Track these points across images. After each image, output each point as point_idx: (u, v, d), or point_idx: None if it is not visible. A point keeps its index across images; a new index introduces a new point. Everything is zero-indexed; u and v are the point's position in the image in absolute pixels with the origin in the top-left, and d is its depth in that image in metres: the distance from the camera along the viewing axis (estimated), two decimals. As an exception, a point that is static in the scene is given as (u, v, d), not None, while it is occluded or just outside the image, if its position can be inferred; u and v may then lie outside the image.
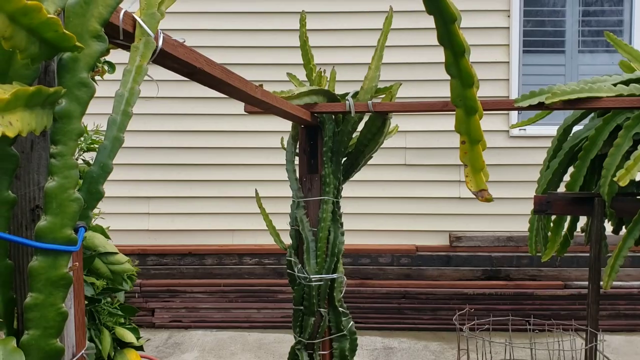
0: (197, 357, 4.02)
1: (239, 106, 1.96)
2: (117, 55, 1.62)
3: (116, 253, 2.20)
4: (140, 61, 0.97)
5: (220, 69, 1.31)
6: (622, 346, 4.18)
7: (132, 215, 4.77)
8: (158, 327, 4.63)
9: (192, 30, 4.68)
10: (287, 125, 2.39)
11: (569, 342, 2.68)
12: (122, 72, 0.97)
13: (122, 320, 2.46)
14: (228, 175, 4.72)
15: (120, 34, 0.95)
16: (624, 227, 2.48)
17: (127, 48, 0.99)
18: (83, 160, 2.58)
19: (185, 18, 4.66)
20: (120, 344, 2.42)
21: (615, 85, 2.23)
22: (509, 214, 4.50)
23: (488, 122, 3.90)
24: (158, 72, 1.16)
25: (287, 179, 2.39)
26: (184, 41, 1.10)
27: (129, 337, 2.43)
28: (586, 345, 2.40)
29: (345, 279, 2.45)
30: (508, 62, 4.63)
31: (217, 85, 1.39)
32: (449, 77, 1.18)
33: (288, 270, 2.37)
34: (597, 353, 2.39)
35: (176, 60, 1.13)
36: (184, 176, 4.77)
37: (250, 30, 4.71)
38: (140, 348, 2.51)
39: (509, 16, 4.63)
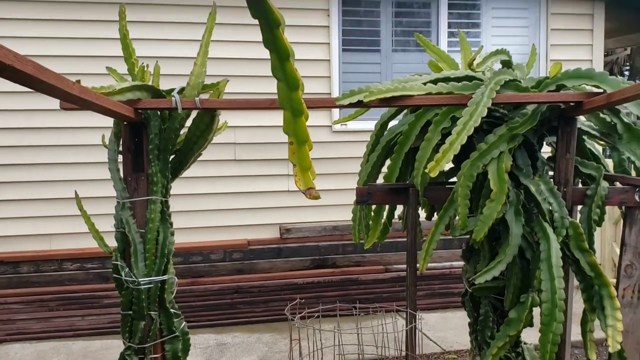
0: (13, 374, 3.69)
1: (54, 101, 1.83)
2: None
3: None
4: None
5: (33, 65, 1.21)
6: (438, 323, 4.59)
7: None
8: (-35, 345, 4.17)
9: (2, 20, 4.26)
10: (108, 121, 2.27)
11: (392, 324, 2.89)
12: None
13: None
14: (44, 176, 4.36)
15: None
16: (435, 213, 2.71)
17: None
18: None
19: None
20: None
21: (425, 84, 2.43)
22: (334, 204, 4.70)
23: (313, 118, 4.04)
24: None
25: (111, 178, 2.28)
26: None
27: None
28: (406, 325, 2.60)
29: (177, 279, 2.40)
30: (329, 60, 4.83)
31: (30, 82, 1.28)
32: (275, 75, 1.20)
33: (115, 275, 2.26)
34: (417, 332, 2.59)
35: (-18, 57, 1.02)
36: (-10, 177, 4.32)
37: (68, 20, 4.38)
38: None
39: (328, 15, 4.82)
